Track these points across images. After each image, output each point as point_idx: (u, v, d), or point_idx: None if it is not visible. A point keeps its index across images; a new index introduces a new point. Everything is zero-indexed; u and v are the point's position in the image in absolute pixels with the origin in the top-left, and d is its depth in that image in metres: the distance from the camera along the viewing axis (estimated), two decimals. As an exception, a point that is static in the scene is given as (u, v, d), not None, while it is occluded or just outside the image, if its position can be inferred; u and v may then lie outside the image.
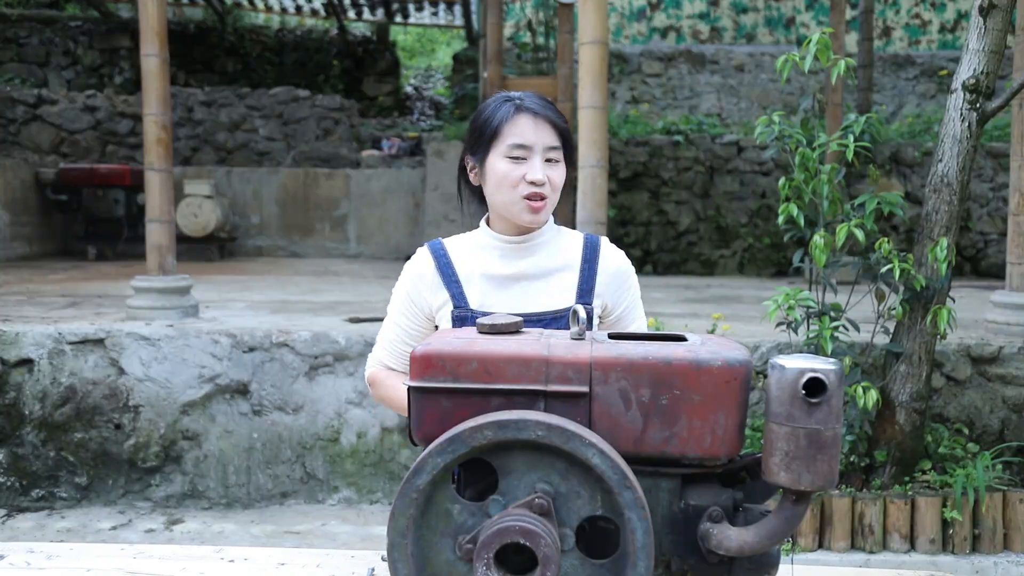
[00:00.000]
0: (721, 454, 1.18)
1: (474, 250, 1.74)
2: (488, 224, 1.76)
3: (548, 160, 1.66)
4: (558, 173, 1.67)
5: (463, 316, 1.68)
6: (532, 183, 1.64)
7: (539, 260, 1.72)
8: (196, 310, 5.08)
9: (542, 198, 1.66)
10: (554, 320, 1.66)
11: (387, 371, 1.80)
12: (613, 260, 1.75)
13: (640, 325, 1.80)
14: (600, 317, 1.75)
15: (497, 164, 1.66)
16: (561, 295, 1.70)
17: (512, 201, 1.66)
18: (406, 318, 1.76)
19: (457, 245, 1.76)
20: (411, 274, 1.75)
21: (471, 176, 1.74)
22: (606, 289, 1.73)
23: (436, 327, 1.74)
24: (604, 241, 1.79)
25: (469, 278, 1.71)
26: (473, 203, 1.79)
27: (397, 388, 1.73)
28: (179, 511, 4.40)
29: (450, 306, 1.69)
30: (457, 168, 1.80)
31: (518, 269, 1.71)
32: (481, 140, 1.68)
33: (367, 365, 1.84)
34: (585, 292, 1.70)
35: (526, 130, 1.64)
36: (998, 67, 3.56)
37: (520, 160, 1.64)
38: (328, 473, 4.49)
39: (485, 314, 1.63)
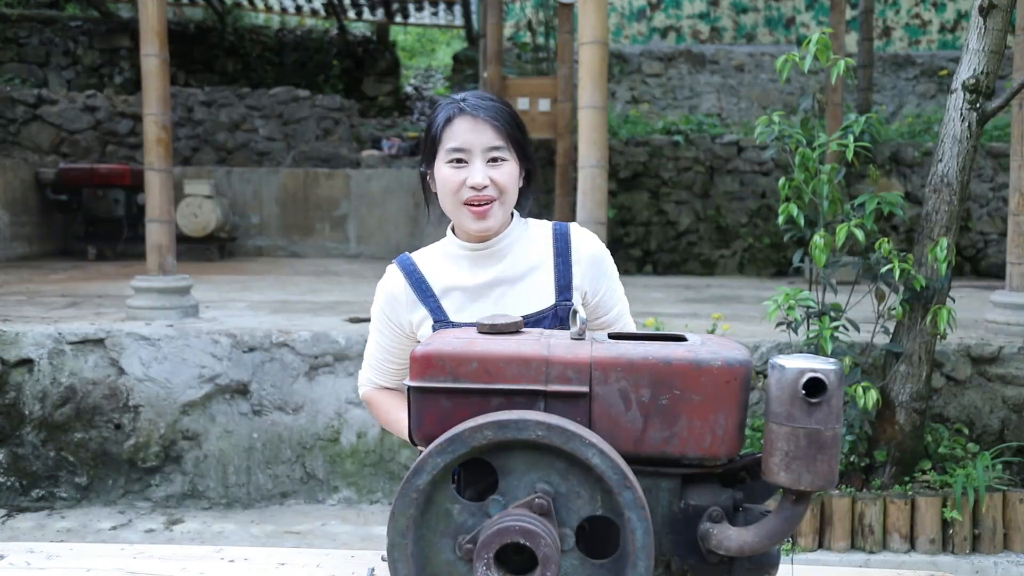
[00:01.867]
0: (721, 454, 1.18)
1: (444, 260, 1.70)
2: (453, 231, 1.72)
3: (492, 160, 1.61)
4: (503, 172, 1.62)
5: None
6: (472, 187, 1.60)
7: (510, 263, 1.67)
8: (196, 310, 5.08)
9: (486, 202, 1.61)
10: (536, 323, 1.62)
11: (378, 390, 1.79)
12: (587, 248, 1.70)
13: (621, 309, 1.75)
14: (583, 306, 1.70)
15: (441, 170, 1.63)
16: (539, 296, 1.66)
17: (456, 207, 1.63)
18: (386, 337, 1.73)
19: (427, 258, 1.72)
20: (384, 294, 1.71)
21: (430, 184, 1.71)
22: (583, 280, 1.68)
23: (419, 341, 1.70)
24: (574, 228, 1.72)
25: (444, 291, 1.67)
26: (438, 209, 1.73)
27: (390, 412, 1.73)
28: (179, 511, 4.40)
29: (430, 320, 1.66)
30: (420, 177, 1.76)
31: (491, 276, 1.67)
32: (427, 147, 1.66)
33: (359, 382, 1.83)
34: (563, 288, 1.66)
35: (464, 133, 1.60)
36: (998, 67, 3.56)
37: (461, 164, 1.61)
38: (328, 473, 4.49)
39: (466, 324, 1.60)
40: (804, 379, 1.08)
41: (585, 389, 1.17)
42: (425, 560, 1.14)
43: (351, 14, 13.39)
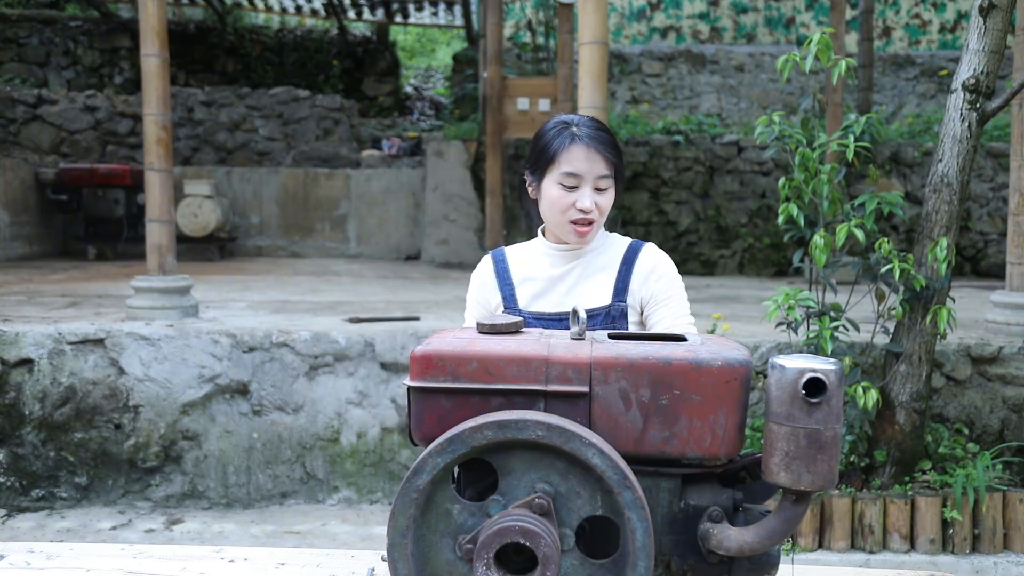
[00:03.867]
0: (721, 454, 1.18)
1: (531, 255, 1.90)
2: (543, 234, 1.92)
3: (597, 188, 1.78)
4: (606, 198, 1.80)
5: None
6: (581, 211, 1.77)
7: (584, 263, 1.86)
8: (196, 310, 5.08)
9: (589, 223, 1.79)
10: (591, 318, 1.79)
11: None
12: (649, 259, 1.87)
13: (678, 314, 1.83)
14: (640, 311, 1.84)
15: (550, 189, 1.80)
16: (599, 294, 1.83)
17: (561, 223, 1.81)
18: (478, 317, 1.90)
19: (516, 253, 1.93)
20: (476, 281, 1.92)
21: (529, 190, 1.89)
22: (639, 286, 1.84)
23: None
24: (648, 246, 1.89)
25: (522, 281, 1.87)
26: (533, 210, 1.91)
27: None
28: (179, 511, 4.40)
29: (503, 307, 1.85)
30: (518, 181, 1.96)
31: (563, 271, 1.85)
32: (539, 163, 1.82)
33: None
34: (620, 291, 1.83)
35: (579, 161, 1.76)
36: (998, 67, 3.56)
37: (572, 188, 1.77)
38: (328, 473, 4.49)
39: (532, 312, 1.80)
40: (804, 379, 1.08)
41: (585, 389, 1.17)
42: (425, 560, 1.14)
43: (351, 14, 13.39)
